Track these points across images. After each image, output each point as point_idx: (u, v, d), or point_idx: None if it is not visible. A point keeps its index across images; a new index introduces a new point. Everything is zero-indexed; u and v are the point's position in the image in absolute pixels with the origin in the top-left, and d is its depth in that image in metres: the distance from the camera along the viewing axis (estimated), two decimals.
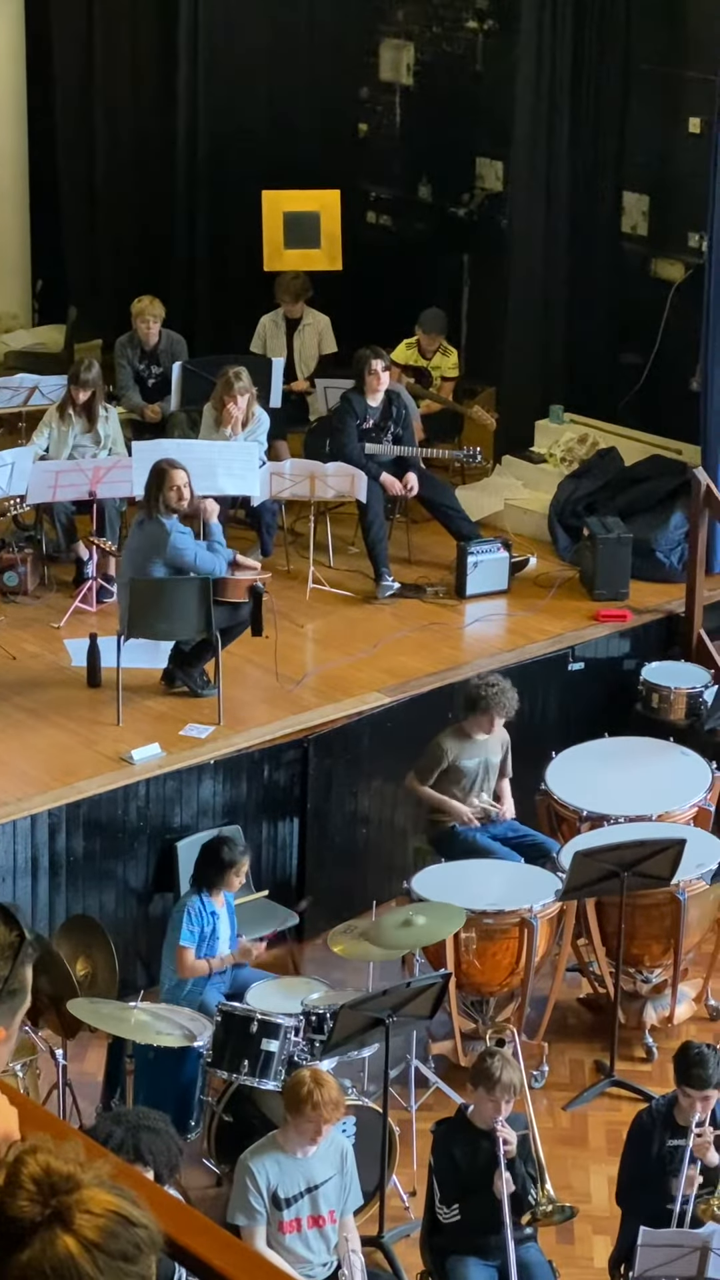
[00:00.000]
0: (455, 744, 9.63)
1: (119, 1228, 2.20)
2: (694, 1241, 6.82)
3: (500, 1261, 7.29)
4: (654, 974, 9.52)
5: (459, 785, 9.65)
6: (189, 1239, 2.39)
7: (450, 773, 9.63)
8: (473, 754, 9.65)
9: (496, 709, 9.52)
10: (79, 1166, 2.25)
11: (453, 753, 9.61)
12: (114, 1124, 6.72)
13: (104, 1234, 2.19)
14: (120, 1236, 2.19)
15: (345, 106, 14.80)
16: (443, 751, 9.60)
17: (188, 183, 14.63)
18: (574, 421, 13.02)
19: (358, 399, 11.82)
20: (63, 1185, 2.21)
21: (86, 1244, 2.17)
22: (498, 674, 9.87)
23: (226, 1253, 2.38)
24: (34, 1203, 2.19)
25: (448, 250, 14.34)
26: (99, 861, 9.39)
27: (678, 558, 11.77)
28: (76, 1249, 2.17)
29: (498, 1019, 9.20)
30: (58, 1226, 2.18)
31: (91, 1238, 2.18)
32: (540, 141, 12.84)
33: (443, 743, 9.63)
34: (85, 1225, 2.19)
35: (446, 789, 9.65)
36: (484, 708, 9.50)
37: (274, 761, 9.95)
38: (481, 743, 9.65)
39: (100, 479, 11.08)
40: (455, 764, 9.61)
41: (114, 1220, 2.20)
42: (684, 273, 12.81)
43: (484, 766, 9.67)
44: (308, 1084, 7.13)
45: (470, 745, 9.64)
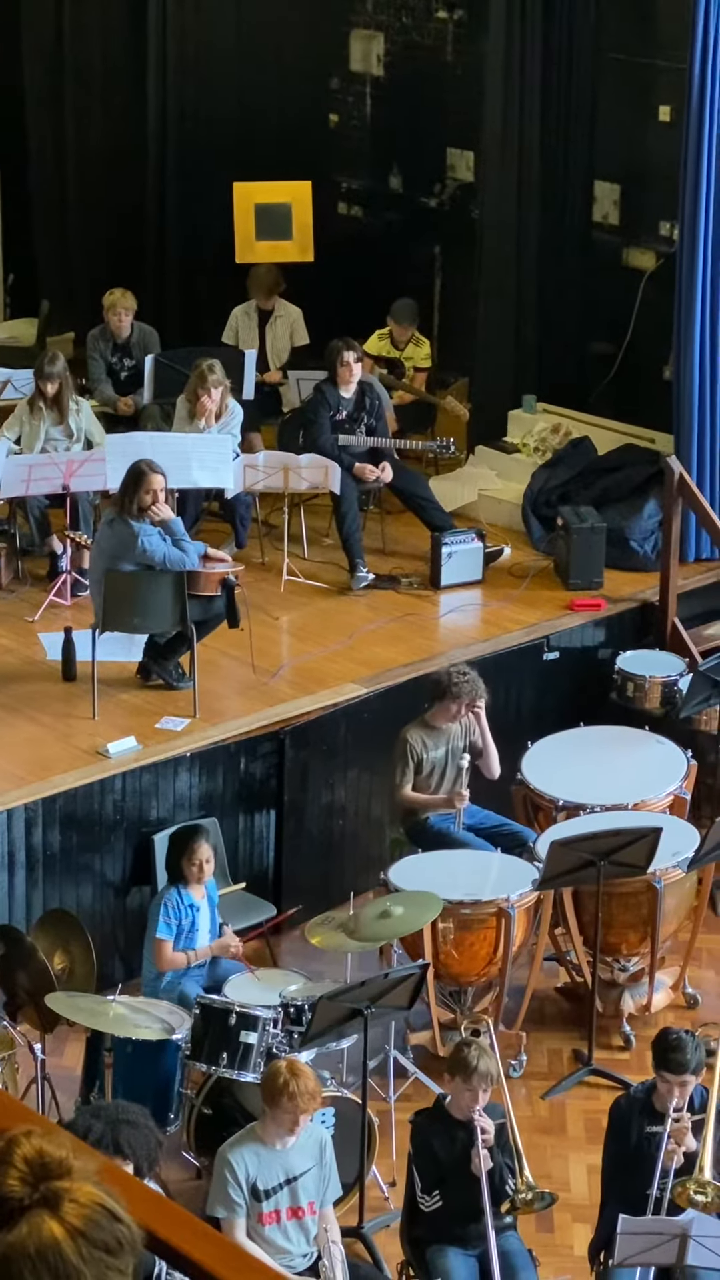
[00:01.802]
0: (419, 735, 9.63)
1: (104, 1220, 2.21)
2: (673, 1229, 6.83)
3: (480, 1250, 7.30)
4: (631, 962, 9.54)
5: (430, 778, 9.64)
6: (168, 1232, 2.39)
7: (419, 766, 9.63)
8: (438, 744, 9.65)
9: (465, 698, 9.52)
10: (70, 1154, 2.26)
11: (419, 745, 9.61)
12: (93, 1118, 6.72)
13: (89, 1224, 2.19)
14: (104, 1228, 2.20)
15: (316, 97, 14.78)
16: (409, 747, 9.59)
17: (158, 175, 14.61)
18: (547, 411, 13.03)
19: (330, 390, 11.81)
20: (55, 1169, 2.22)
21: (72, 1231, 2.18)
22: (465, 663, 9.88)
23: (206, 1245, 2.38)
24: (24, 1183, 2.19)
25: (419, 241, 14.34)
26: (76, 855, 9.39)
27: (651, 546, 11.79)
28: (62, 1235, 2.17)
29: (475, 1009, 9.21)
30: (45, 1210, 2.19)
31: (77, 1225, 2.19)
32: (511, 132, 12.83)
33: (407, 735, 9.62)
34: (71, 1213, 2.19)
35: (417, 784, 9.64)
36: (453, 696, 9.51)
37: (250, 754, 9.95)
38: (446, 731, 9.65)
39: (73, 473, 11.07)
40: (423, 756, 9.61)
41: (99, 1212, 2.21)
42: (656, 262, 12.82)
43: (450, 754, 9.67)
44: (284, 1074, 7.13)
45: (435, 735, 9.64)
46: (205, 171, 14.34)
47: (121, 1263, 2.19)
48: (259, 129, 14.43)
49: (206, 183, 14.28)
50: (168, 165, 14.57)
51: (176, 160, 14.54)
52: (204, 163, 14.39)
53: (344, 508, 11.61)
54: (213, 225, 14.11)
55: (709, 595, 11.78)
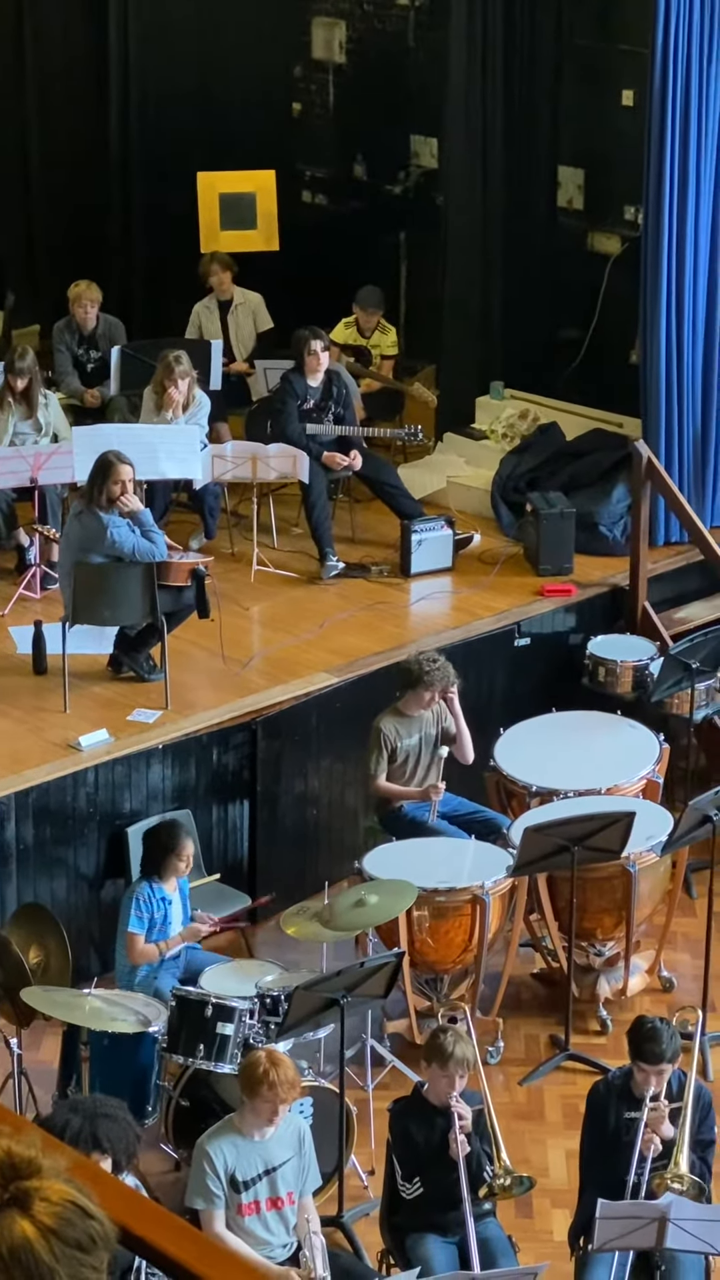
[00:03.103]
0: (394, 724, 9.62)
1: (75, 1217, 2.20)
2: (651, 1213, 6.84)
3: (460, 1237, 7.31)
4: (607, 947, 9.55)
5: (404, 767, 9.64)
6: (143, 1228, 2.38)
7: (393, 756, 9.63)
8: (411, 732, 9.64)
9: (437, 685, 9.52)
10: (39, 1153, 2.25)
11: (393, 734, 9.60)
12: (71, 1112, 6.71)
13: (61, 1221, 2.18)
14: (76, 1226, 2.19)
15: (278, 86, 14.76)
16: (383, 736, 9.59)
17: (121, 166, 14.58)
18: (514, 397, 13.03)
19: (298, 380, 11.80)
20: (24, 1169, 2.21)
21: (44, 1230, 2.17)
22: (434, 650, 9.87)
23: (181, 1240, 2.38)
24: None
25: (384, 228, 14.33)
26: (49, 849, 9.37)
27: (621, 531, 11.79)
28: (34, 1234, 2.16)
29: (452, 996, 9.22)
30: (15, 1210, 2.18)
31: (49, 1224, 2.18)
32: (474, 118, 12.82)
33: (380, 725, 9.62)
34: (43, 1212, 2.18)
35: (391, 773, 9.63)
36: (425, 684, 9.51)
37: (223, 745, 9.94)
38: (419, 719, 9.64)
39: (41, 466, 11.04)
40: (394, 744, 9.60)
41: (71, 1210, 2.20)
42: (621, 246, 12.83)
43: (424, 741, 9.66)
44: (263, 1064, 7.13)
45: (409, 723, 9.64)
46: (169, 162, 14.30)
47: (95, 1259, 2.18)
48: (222, 118, 14.40)
49: (170, 173, 14.25)
50: (131, 156, 14.53)
51: (140, 151, 14.51)
52: (167, 153, 14.35)
53: (313, 497, 11.59)
54: (177, 216, 14.08)
55: (679, 579, 11.79)
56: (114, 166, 14.59)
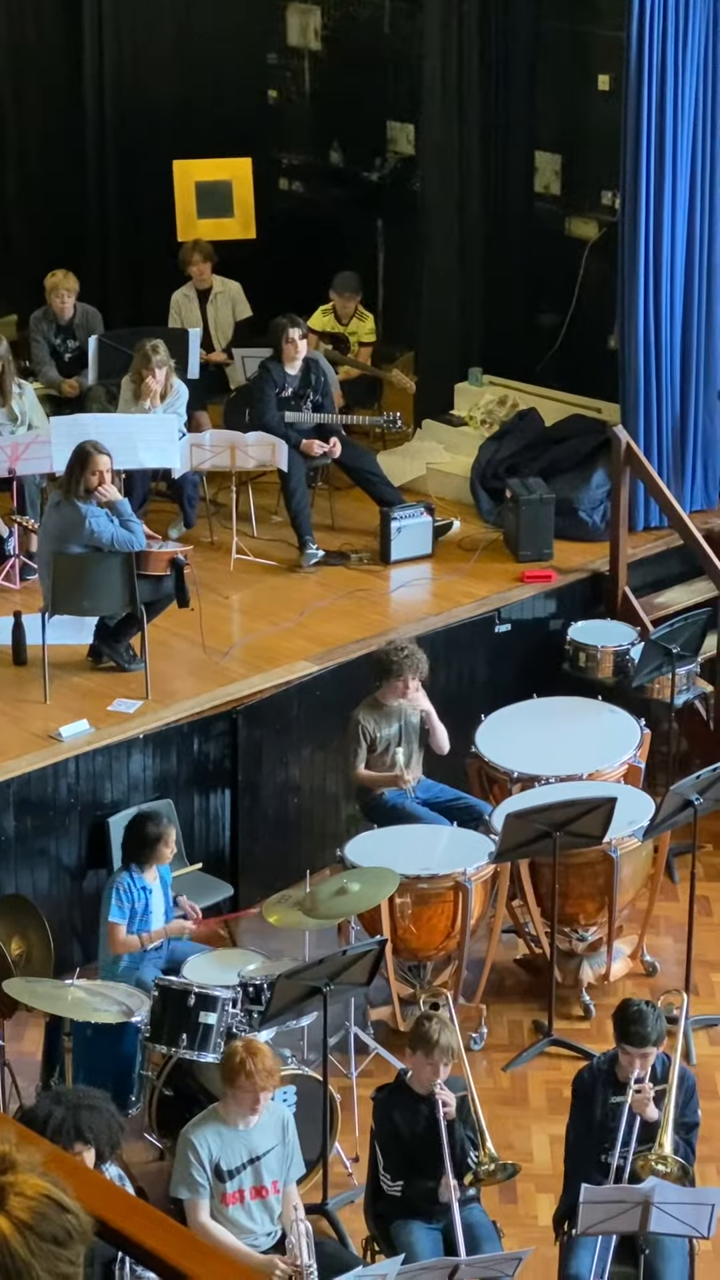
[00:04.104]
0: (371, 716, 9.62)
1: (51, 1211, 2.19)
2: (635, 1197, 6.85)
3: (444, 1224, 7.31)
4: (589, 932, 9.56)
5: (385, 755, 9.63)
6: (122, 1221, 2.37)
7: (372, 745, 9.62)
8: (390, 721, 9.63)
9: (410, 673, 9.51)
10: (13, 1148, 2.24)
11: (371, 725, 9.59)
12: (54, 1103, 6.70)
13: (36, 1216, 2.18)
14: (52, 1220, 2.19)
15: (254, 73, 14.72)
16: (360, 727, 9.58)
17: (97, 154, 14.52)
18: (493, 383, 13.01)
19: (276, 367, 11.78)
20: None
21: (19, 1224, 2.17)
22: (404, 638, 9.85)
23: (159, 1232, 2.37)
24: None
25: (361, 215, 14.31)
26: (31, 840, 9.35)
27: (600, 516, 11.79)
28: (9, 1229, 2.16)
29: (435, 983, 9.22)
30: None
31: (24, 1219, 2.17)
32: (450, 103, 12.80)
33: (358, 716, 9.61)
34: (18, 1207, 2.18)
35: (371, 761, 9.63)
36: (396, 673, 9.50)
37: (203, 734, 9.93)
38: (397, 708, 9.64)
39: (19, 456, 11.01)
40: (373, 734, 9.60)
41: (46, 1204, 2.20)
42: (598, 231, 12.82)
43: (403, 730, 9.66)
44: (240, 1054, 7.14)
45: (386, 713, 9.63)
46: (144, 150, 14.26)
47: (71, 1253, 2.18)
48: (197, 106, 14.36)
49: (146, 161, 14.21)
50: (106, 145, 14.48)
51: (115, 139, 14.45)
52: (143, 141, 14.31)
53: (292, 485, 11.58)
54: (154, 204, 14.04)
55: (659, 564, 11.79)
56: (90, 155, 14.53)
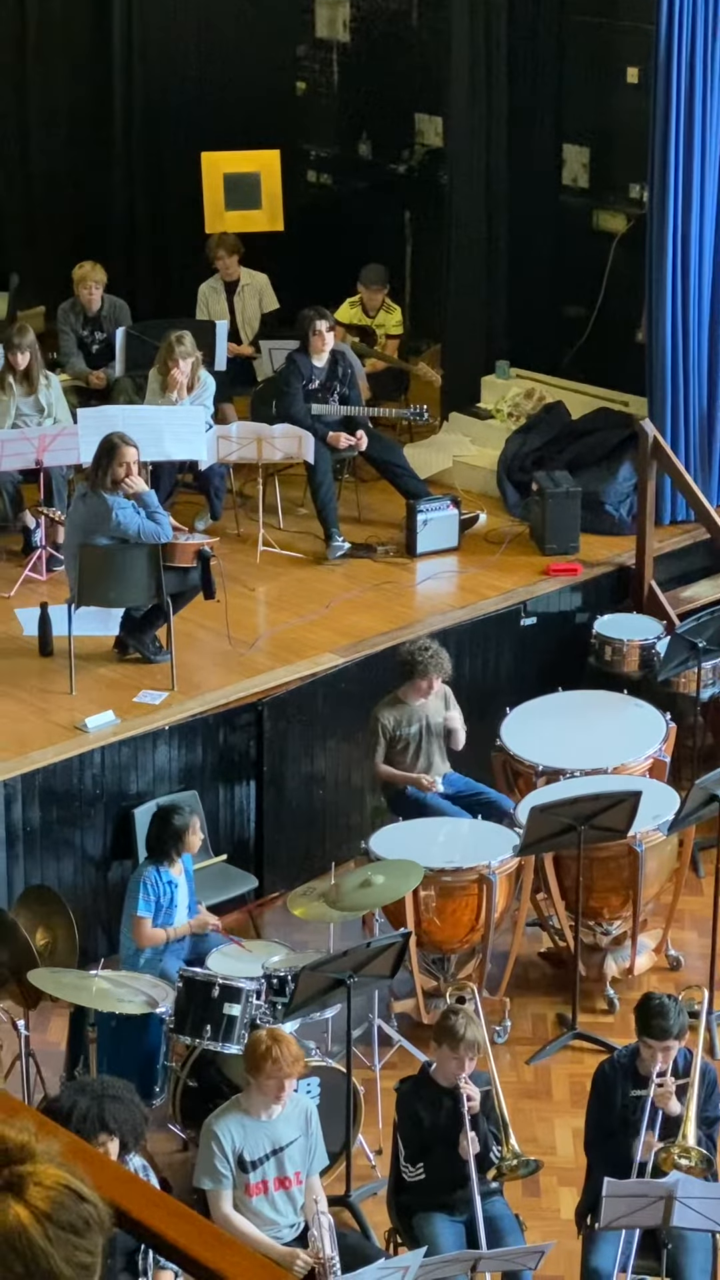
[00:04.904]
0: (392, 714, 9.61)
1: (69, 1201, 2.20)
2: (658, 1191, 6.85)
3: (467, 1217, 7.32)
4: (613, 926, 9.56)
5: (405, 754, 9.64)
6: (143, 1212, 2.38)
7: (394, 742, 9.62)
8: (412, 720, 9.63)
9: (434, 673, 9.51)
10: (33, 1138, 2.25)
11: (391, 723, 9.59)
12: (78, 1094, 6.73)
13: (55, 1206, 2.19)
14: (70, 1209, 2.20)
15: (282, 65, 14.73)
16: (381, 725, 9.58)
17: (125, 146, 14.55)
18: (520, 376, 13.00)
19: (303, 360, 11.78)
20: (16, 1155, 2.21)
21: (38, 1214, 2.17)
22: (427, 637, 9.82)
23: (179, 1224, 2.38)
24: None
25: (389, 208, 14.30)
26: (56, 831, 9.38)
27: (627, 510, 11.78)
28: (28, 1219, 2.17)
29: (459, 976, 9.22)
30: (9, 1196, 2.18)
31: (43, 1208, 2.18)
32: (479, 96, 12.79)
33: (379, 715, 9.61)
34: (37, 1196, 2.19)
35: (391, 758, 9.64)
36: (420, 673, 9.50)
37: (229, 725, 9.94)
38: (419, 706, 9.64)
39: (46, 447, 11.03)
40: (395, 733, 9.60)
41: (64, 1194, 2.21)
42: (626, 224, 12.80)
43: (425, 728, 9.66)
44: (265, 1042, 7.15)
45: (408, 711, 9.63)
46: (173, 142, 14.28)
47: (90, 1242, 2.19)
48: (226, 98, 14.36)
49: (174, 153, 14.22)
50: (135, 136, 14.50)
51: (143, 131, 14.48)
52: (171, 133, 14.33)
53: (318, 477, 11.58)
54: (182, 196, 14.05)
55: (685, 557, 11.78)
56: (118, 148, 14.56)
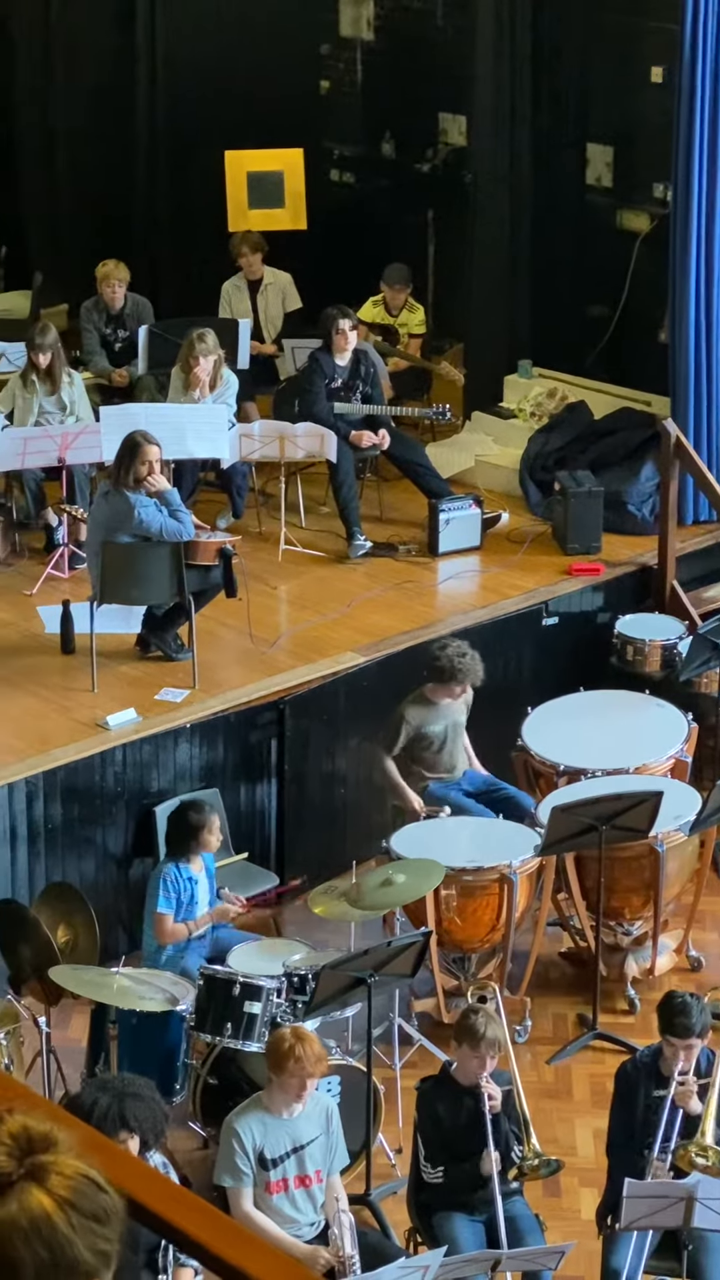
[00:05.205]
0: (419, 712, 9.60)
1: (90, 1190, 2.23)
2: (679, 1192, 6.84)
3: (487, 1216, 7.32)
4: (635, 926, 9.54)
5: (428, 750, 9.63)
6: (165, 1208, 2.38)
7: (417, 739, 9.61)
8: (438, 719, 9.62)
9: (467, 680, 9.50)
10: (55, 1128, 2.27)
11: (416, 721, 9.58)
12: (99, 1091, 6.74)
13: (77, 1194, 2.21)
14: (91, 1198, 2.22)
15: (306, 64, 14.72)
16: (405, 722, 9.57)
17: (149, 145, 14.56)
18: (543, 376, 12.99)
19: (326, 358, 11.78)
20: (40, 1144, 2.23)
21: (61, 1201, 2.20)
22: (461, 640, 9.78)
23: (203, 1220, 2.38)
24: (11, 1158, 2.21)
25: (412, 207, 14.29)
26: (77, 828, 9.39)
27: (649, 510, 11.76)
28: (51, 1206, 2.19)
29: (480, 975, 9.22)
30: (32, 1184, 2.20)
31: (65, 1196, 2.20)
32: (503, 95, 12.78)
33: (405, 713, 9.59)
34: (58, 1184, 2.21)
35: (416, 754, 9.63)
36: (453, 678, 9.49)
37: (250, 724, 9.94)
38: (446, 706, 9.63)
39: (69, 445, 11.04)
40: (421, 731, 9.59)
41: (85, 1183, 2.23)
42: (650, 224, 12.78)
43: (450, 729, 9.66)
44: (288, 1040, 7.15)
45: (434, 711, 9.62)
46: (196, 140, 14.28)
47: (110, 1231, 2.21)
48: (250, 96, 14.36)
49: (197, 151, 14.22)
50: (158, 134, 14.52)
51: (167, 129, 14.49)
52: (195, 131, 14.33)
53: (340, 476, 11.58)
54: (205, 194, 14.06)
55: (707, 558, 11.77)
56: (141, 145, 14.57)
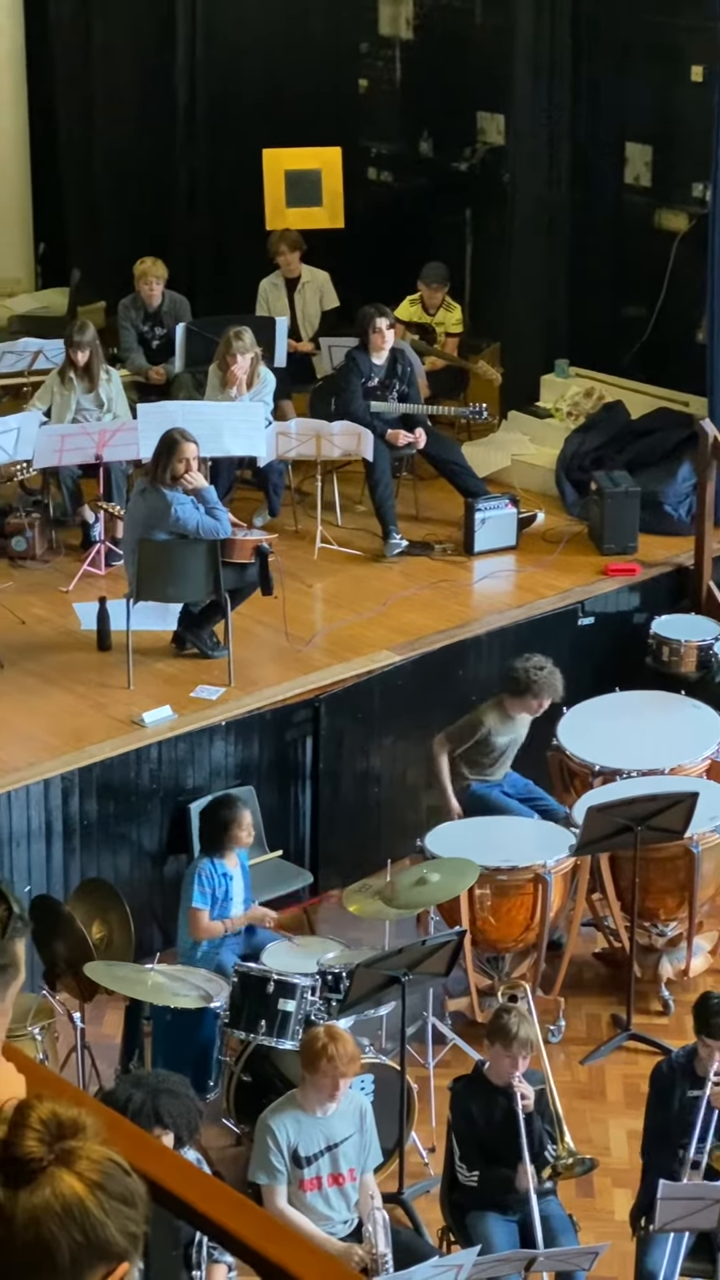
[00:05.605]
0: (495, 720, 9.58)
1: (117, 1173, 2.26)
2: (714, 1194, 6.83)
3: (521, 1216, 7.31)
4: (669, 927, 9.53)
5: (487, 758, 9.62)
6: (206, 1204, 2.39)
7: (481, 745, 9.60)
8: (508, 732, 9.62)
9: (545, 695, 9.50)
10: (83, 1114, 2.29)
11: (489, 727, 9.57)
12: (134, 1087, 6.75)
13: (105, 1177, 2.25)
14: (119, 1180, 2.25)
15: (345, 62, 14.71)
16: (482, 726, 9.55)
17: (188, 142, 14.58)
18: (579, 375, 12.98)
19: (363, 357, 11.78)
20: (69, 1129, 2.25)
21: (91, 1184, 2.22)
22: (543, 656, 9.75)
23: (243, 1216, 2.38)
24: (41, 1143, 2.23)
25: (450, 206, 14.28)
26: (112, 825, 9.40)
27: (686, 510, 11.74)
28: (83, 1190, 2.21)
29: (513, 975, 9.21)
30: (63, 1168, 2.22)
31: (95, 1179, 2.23)
32: (541, 94, 12.76)
33: (483, 717, 9.57)
34: (87, 1168, 2.24)
35: (474, 758, 9.62)
36: (535, 693, 9.49)
37: (285, 722, 9.95)
38: (519, 721, 9.63)
39: (106, 442, 11.06)
40: (489, 738, 9.58)
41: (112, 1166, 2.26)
42: (688, 223, 12.75)
43: (513, 743, 9.67)
44: (322, 1039, 7.15)
45: (508, 724, 9.62)
46: (235, 138, 14.29)
47: (138, 1214, 2.25)
48: (288, 94, 14.37)
49: (236, 149, 14.23)
50: (197, 132, 14.53)
51: (206, 127, 14.50)
52: (233, 129, 14.35)
53: (377, 474, 11.58)
54: (243, 192, 14.07)
55: None
56: (180, 143, 14.59)
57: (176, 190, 14.66)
